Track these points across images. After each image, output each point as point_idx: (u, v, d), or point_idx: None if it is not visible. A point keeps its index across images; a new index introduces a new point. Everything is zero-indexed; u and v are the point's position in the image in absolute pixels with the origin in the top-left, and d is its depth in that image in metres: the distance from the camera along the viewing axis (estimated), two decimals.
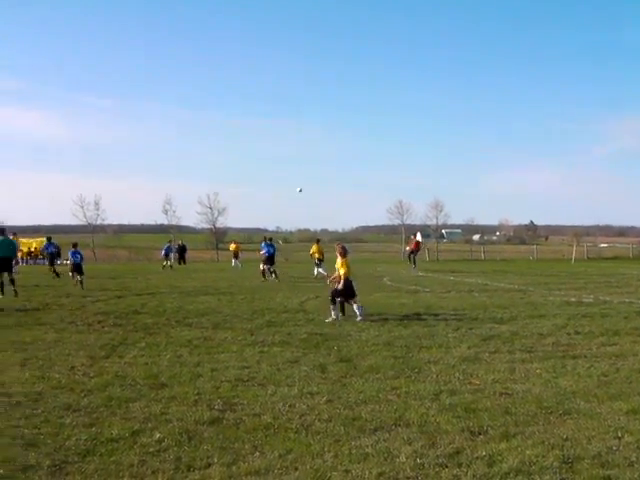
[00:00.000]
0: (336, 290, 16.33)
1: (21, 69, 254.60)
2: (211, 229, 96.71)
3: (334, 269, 16.87)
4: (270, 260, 32.11)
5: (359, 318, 15.89)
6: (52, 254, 37.14)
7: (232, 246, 50.60)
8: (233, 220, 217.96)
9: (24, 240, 70.08)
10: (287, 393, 8.71)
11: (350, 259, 17.19)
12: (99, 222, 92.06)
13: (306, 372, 10.06)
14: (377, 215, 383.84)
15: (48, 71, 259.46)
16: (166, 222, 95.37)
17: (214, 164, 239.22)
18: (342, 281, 16.33)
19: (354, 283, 16.82)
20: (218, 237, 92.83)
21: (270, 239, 33.59)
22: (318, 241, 36.54)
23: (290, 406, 8.05)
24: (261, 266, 32.58)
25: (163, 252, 47.11)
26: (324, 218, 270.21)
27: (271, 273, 31.67)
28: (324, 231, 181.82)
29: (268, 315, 16.80)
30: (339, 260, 16.76)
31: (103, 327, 14.73)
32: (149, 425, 7.21)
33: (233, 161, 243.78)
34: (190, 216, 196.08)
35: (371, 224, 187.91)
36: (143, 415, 7.59)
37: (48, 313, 17.17)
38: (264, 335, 13.66)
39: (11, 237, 24.74)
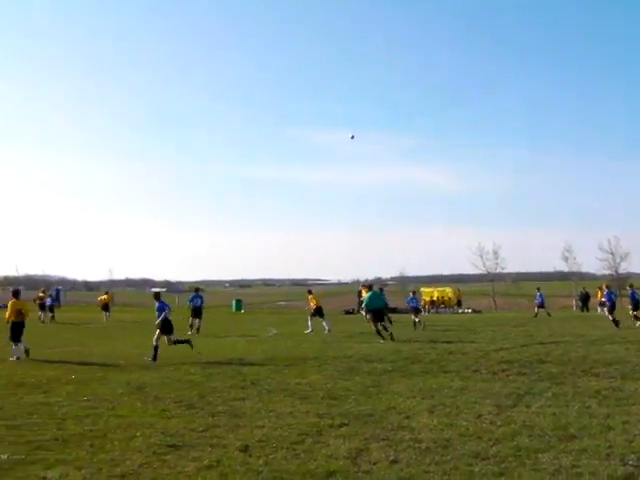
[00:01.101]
0: None
1: (417, 128, 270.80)
2: (612, 275, 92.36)
3: None
4: (613, 308, 31.01)
5: None
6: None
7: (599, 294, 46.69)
8: (638, 265, 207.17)
9: (427, 290, 72.85)
10: None
11: None
12: (498, 271, 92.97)
13: None
14: None
15: (438, 129, 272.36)
16: (566, 269, 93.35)
17: (614, 209, 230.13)
18: None
19: None
20: (621, 284, 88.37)
21: (607, 286, 32.15)
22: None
23: None
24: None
25: (538, 300, 45.07)
26: None
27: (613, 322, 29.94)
28: None
29: None
30: None
31: (508, 376, 14.59)
32: (559, 478, 6.91)
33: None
34: (591, 262, 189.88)
35: None
36: (553, 467, 7.29)
37: (452, 361, 17.46)
38: None
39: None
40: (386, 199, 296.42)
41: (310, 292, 31.90)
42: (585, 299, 53.21)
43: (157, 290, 20.12)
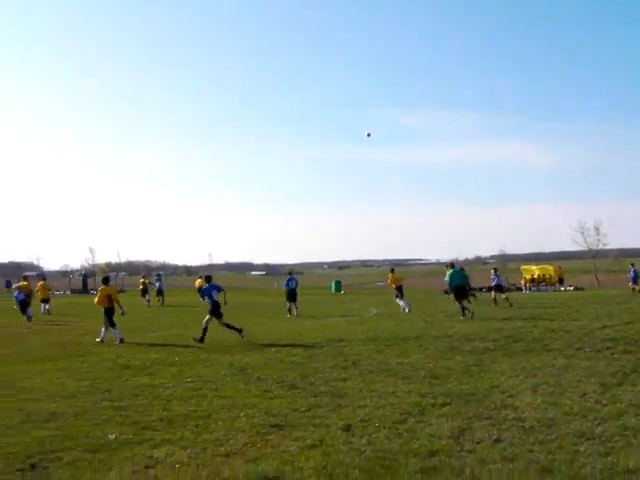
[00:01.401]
0: None
1: (512, 105, 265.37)
2: None
3: None
4: None
5: None
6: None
7: None
8: None
9: (528, 267, 71.73)
10: None
11: None
12: (600, 247, 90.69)
13: None
14: None
15: (535, 105, 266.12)
16: None
17: None
18: None
19: None
20: None
21: None
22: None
23: None
24: None
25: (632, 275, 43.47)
26: None
27: None
28: None
29: None
30: None
31: (613, 354, 14.21)
32: None
33: None
34: None
35: None
36: None
37: (555, 339, 17.12)
38: None
39: None
40: (484, 177, 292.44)
41: (392, 271, 32.29)
42: None
43: (207, 274, 21.40)
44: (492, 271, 35.52)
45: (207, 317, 19.66)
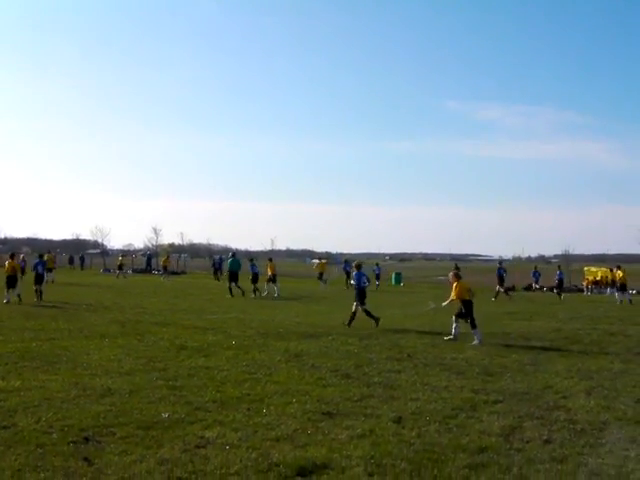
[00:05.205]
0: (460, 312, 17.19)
1: (581, 102, 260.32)
2: None
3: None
4: None
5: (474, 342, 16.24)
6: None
7: None
8: None
9: (592, 269, 70.28)
10: None
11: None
12: None
13: None
14: None
15: (604, 103, 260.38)
16: None
17: None
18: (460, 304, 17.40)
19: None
20: None
21: None
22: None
23: None
24: None
25: None
26: None
27: None
28: None
29: None
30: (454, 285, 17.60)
31: None
32: None
33: None
34: None
35: None
36: None
37: (614, 343, 16.94)
38: None
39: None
40: (552, 175, 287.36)
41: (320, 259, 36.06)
42: None
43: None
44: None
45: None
